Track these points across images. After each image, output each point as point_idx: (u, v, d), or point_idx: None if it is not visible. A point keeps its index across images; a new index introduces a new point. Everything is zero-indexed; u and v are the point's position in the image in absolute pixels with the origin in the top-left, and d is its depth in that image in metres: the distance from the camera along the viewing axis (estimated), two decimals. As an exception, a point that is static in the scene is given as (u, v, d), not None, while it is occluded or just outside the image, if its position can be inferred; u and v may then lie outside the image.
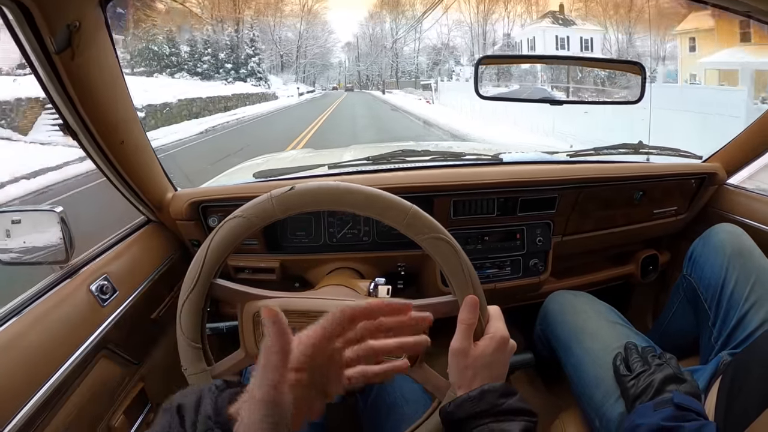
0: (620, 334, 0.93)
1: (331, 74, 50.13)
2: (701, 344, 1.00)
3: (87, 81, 0.74)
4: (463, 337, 0.58)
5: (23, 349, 0.70)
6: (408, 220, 0.58)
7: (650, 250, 1.45)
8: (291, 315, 0.61)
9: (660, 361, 0.81)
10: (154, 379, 0.98)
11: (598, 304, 1.04)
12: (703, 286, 1.00)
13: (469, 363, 0.57)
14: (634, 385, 0.78)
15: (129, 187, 0.96)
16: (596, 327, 0.96)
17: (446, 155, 1.27)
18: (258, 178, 1.20)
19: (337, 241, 1.14)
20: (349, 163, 1.21)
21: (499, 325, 0.60)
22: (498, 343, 0.58)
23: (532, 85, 5.03)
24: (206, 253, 0.59)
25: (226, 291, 0.62)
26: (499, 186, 1.14)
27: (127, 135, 0.87)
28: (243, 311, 0.62)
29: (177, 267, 1.12)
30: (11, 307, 0.75)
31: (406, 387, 0.86)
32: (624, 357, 0.85)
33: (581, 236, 1.28)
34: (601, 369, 0.87)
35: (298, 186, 0.58)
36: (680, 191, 1.34)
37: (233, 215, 0.59)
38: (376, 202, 0.59)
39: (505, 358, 0.59)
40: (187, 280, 0.60)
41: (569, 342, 0.97)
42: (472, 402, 0.55)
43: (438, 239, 0.59)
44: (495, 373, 0.58)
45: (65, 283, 0.83)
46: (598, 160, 1.32)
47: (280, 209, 0.58)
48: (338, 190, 0.58)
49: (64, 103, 0.74)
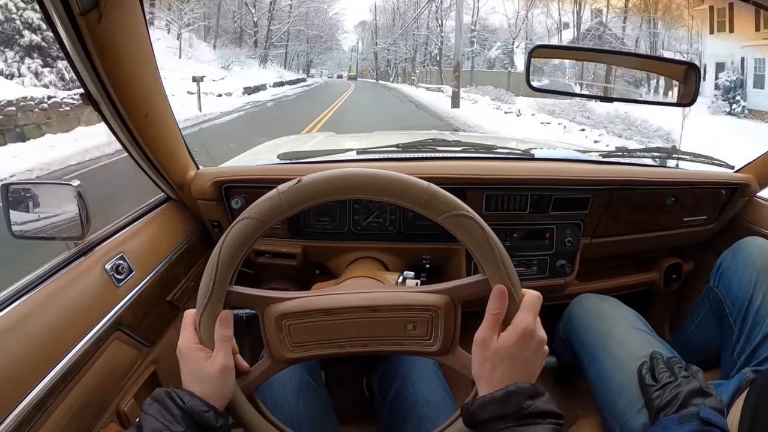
0: (646, 343, 0.91)
1: (342, 58, 42.20)
2: (723, 358, 0.99)
3: (113, 47, 0.69)
4: (488, 327, 0.54)
5: (35, 329, 0.66)
6: (426, 198, 0.54)
7: (674, 258, 1.42)
8: (315, 314, 0.58)
9: (687, 374, 0.79)
10: (167, 362, 0.96)
11: (625, 310, 1.02)
12: (730, 299, 0.98)
13: (488, 355, 0.54)
14: (660, 396, 0.76)
15: (150, 163, 0.92)
16: (622, 333, 0.94)
17: (477, 147, 1.23)
18: (283, 159, 1.16)
19: (361, 229, 1.11)
20: (378, 148, 1.18)
21: (525, 316, 0.54)
22: (520, 336, 0.53)
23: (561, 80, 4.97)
24: (218, 260, 0.55)
25: (245, 297, 0.59)
26: (534, 182, 1.10)
27: (153, 108, 0.82)
28: (264, 315, 0.59)
29: (196, 248, 1.09)
30: (24, 284, 0.71)
31: (428, 387, 0.84)
32: (650, 366, 0.83)
33: (610, 239, 1.24)
34: (625, 377, 0.85)
35: (305, 178, 0.54)
36: (711, 200, 1.30)
37: (241, 217, 0.55)
38: (389, 185, 0.54)
39: (529, 353, 0.54)
40: (202, 290, 0.56)
41: (594, 347, 0.95)
42: (496, 404, 0.51)
43: (460, 216, 0.54)
44: (517, 369, 0.53)
45: (80, 261, 0.80)
46: (631, 162, 1.29)
47: (289, 204, 0.54)
48: (348, 177, 0.54)
49: (87, 70, 0.69)
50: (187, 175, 1.04)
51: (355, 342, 0.59)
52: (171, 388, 0.54)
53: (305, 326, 0.58)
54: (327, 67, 40.60)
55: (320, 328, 0.58)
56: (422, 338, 0.58)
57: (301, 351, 0.59)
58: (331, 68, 41.51)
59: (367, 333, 0.59)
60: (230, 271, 0.56)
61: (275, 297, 0.59)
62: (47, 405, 0.64)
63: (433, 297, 0.58)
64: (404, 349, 0.59)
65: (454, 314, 0.58)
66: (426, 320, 0.57)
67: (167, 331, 0.98)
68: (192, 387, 0.54)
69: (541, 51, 0.94)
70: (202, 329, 0.56)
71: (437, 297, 0.58)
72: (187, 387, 0.55)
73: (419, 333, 0.58)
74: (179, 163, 1.01)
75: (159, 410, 0.51)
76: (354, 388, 1.20)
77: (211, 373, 0.54)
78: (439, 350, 0.58)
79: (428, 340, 0.58)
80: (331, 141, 1.79)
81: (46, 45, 10.38)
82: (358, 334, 0.59)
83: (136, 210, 0.99)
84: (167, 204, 1.07)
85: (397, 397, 0.83)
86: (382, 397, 0.87)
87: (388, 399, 0.85)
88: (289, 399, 0.79)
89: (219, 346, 0.56)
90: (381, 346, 0.59)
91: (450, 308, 0.57)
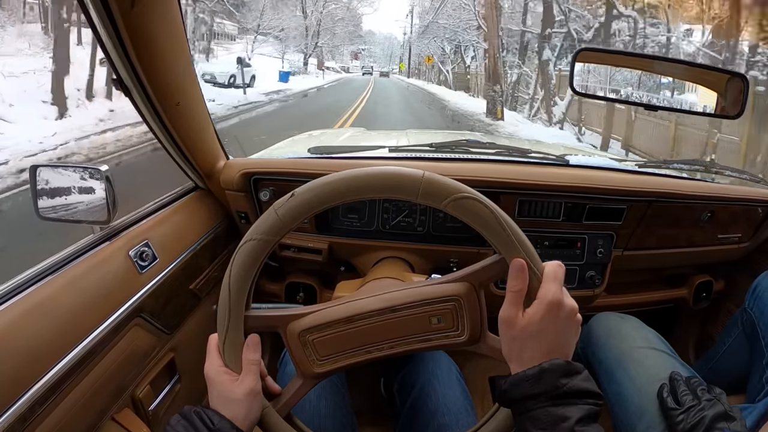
0: (667, 364, 0.88)
1: (374, 50, 37.69)
2: (750, 382, 0.96)
3: (146, 33, 0.68)
4: (511, 304, 0.51)
5: (56, 311, 0.67)
6: (423, 188, 0.51)
7: (705, 276, 1.36)
8: (337, 324, 0.56)
9: (710, 396, 0.76)
10: (185, 351, 0.96)
11: (646, 330, 0.98)
12: (764, 322, 0.95)
13: (516, 334, 0.51)
14: (683, 420, 0.73)
15: (180, 152, 0.91)
16: (643, 355, 0.91)
17: (511, 150, 1.20)
18: (313, 153, 1.14)
19: (390, 228, 1.09)
20: (410, 147, 1.15)
21: (550, 286, 0.50)
22: (547, 308, 0.49)
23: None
24: (229, 288, 0.54)
25: (264, 320, 0.58)
26: (568, 190, 1.06)
27: (184, 97, 0.82)
28: (287, 334, 0.57)
29: (221, 238, 1.08)
30: (48, 265, 0.72)
31: (450, 395, 0.82)
32: (671, 389, 0.80)
33: (642, 252, 1.20)
34: (645, 399, 0.82)
35: (298, 191, 0.52)
36: (746, 218, 1.25)
37: (244, 240, 0.54)
38: (384, 181, 0.52)
39: (560, 325, 0.50)
40: (220, 317, 0.56)
41: (612, 368, 0.92)
42: (529, 382, 0.48)
43: (463, 199, 0.51)
44: (548, 344, 0.50)
45: (104, 246, 0.80)
46: (668, 174, 1.24)
47: (289, 220, 0.53)
48: (340, 181, 0.52)
49: (119, 56, 0.68)
50: (217, 165, 1.04)
51: (382, 345, 0.57)
52: (200, 407, 0.53)
53: (329, 338, 0.57)
54: (374, 59, 37.47)
55: (344, 337, 0.57)
56: (449, 330, 0.56)
57: (330, 364, 0.58)
58: (383, 63, 38.11)
59: (392, 334, 0.57)
60: (243, 295, 0.55)
61: (294, 314, 0.58)
62: (63, 386, 0.65)
63: (452, 286, 0.56)
64: (433, 344, 0.57)
65: (477, 300, 0.56)
66: (450, 311, 0.55)
67: (187, 320, 0.98)
68: (219, 409, 0.53)
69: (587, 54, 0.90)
70: (226, 356, 0.56)
71: (456, 285, 0.55)
72: (215, 409, 0.54)
73: (445, 325, 0.56)
74: (209, 153, 1.00)
75: (186, 428, 0.51)
76: (371, 388, 1.19)
77: (239, 396, 0.54)
78: (468, 339, 0.56)
79: (456, 331, 0.56)
80: (362, 137, 1.77)
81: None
82: (383, 337, 0.57)
83: (163, 197, 0.99)
84: (195, 193, 1.07)
85: (418, 403, 0.82)
86: (402, 401, 0.85)
87: (408, 404, 0.83)
88: (311, 397, 0.78)
89: (246, 369, 0.55)
90: (409, 346, 0.57)
91: (472, 295, 0.55)
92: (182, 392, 0.95)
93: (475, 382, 0.60)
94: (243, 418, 0.53)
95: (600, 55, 0.98)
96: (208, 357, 0.57)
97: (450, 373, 0.86)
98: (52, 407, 0.63)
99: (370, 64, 39.07)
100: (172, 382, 0.93)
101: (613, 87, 12.69)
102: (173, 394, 0.92)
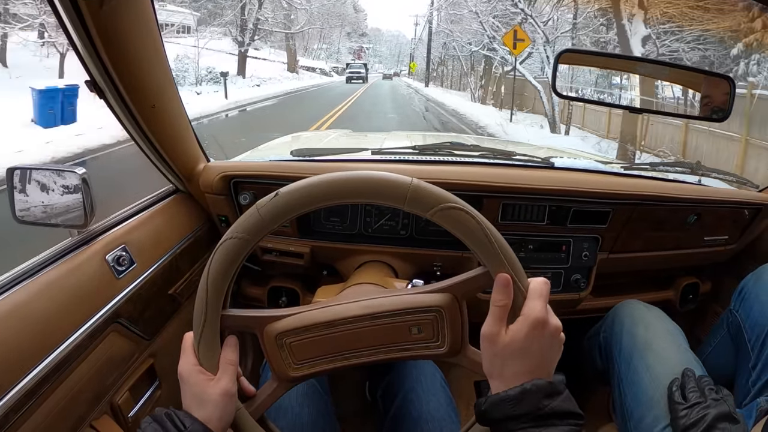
0: (683, 359, 0.88)
1: (380, 49, 29.99)
2: (737, 385, 0.96)
3: (117, 33, 0.67)
4: (494, 319, 0.50)
5: (30, 316, 0.65)
6: (411, 195, 0.51)
7: (692, 278, 1.37)
8: (315, 329, 0.55)
9: (717, 396, 0.77)
10: (165, 356, 0.94)
11: (669, 323, 0.99)
12: (749, 325, 0.95)
13: (498, 351, 0.50)
14: (686, 416, 0.74)
15: (158, 154, 0.90)
16: (663, 347, 0.91)
17: (496, 152, 1.20)
18: (296, 156, 1.13)
19: (372, 232, 1.09)
20: (393, 150, 1.14)
21: (534, 304, 0.50)
22: (531, 326, 0.49)
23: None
24: (207, 285, 0.53)
25: (241, 320, 0.57)
26: (553, 193, 1.06)
27: (160, 99, 0.80)
28: (264, 336, 0.57)
29: (201, 242, 1.07)
30: (23, 270, 0.70)
31: (434, 401, 0.81)
32: (680, 384, 0.81)
33: (627, 255, 1.20)
34: (657, 391, 0.83)
35: (282, 191, 0.52)
36: (733, 220, 1.26)
37: (224, 237, 0.53)
38: (371, 186, 0.51)
39: (544, 344, 0.50)
40: (196, 316, 0.54)
41: (631, 356, 0.92)
42: (510, 403, 0.48)
43: (450, 209, 0.51)
44: (531, 363, 0.49)
45: (80, 251, 0.78)
46: (653, 177, 1.24)
47: (271, 219, 0.52)
48: (326, 183, 0.52)
49: (91, 57, 0.67)
50: (196, 168, 1.03)
51: (361, 352, 0.57)
52: (171, 409, 0.52)
53: (307, 342, 0.56)
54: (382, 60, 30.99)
55: (322, 342, 0.56)
56: (429, 341, 0.56)
57: (306, 368, 0.57)
58: (390, 64, 31.68)
59: (372, 342, 0.56)
60: (221, 294, 0.54)
61: (271, 316, 0.57)
62: (39, 393, 0.63)
63: (435, 297, 0.55)
64: (412, 354, 0.57)
65: (459, 312, 0.55)
66: (430, 322, 0.55)
67: (167, 325, 0.97)
68: (193, 410, 0.52)
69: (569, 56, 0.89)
70: (201, 355, 0.54)
71: (439, 296, 0.55)
72: (188, 410, 0.52)
73: (425, 336, 0.56)
74: (188, 155, 0.99)
75: (157, 430, 0.49)
76: (355, 391, 1.18)
77: (214, 396, 0.52)
78: (448, 351, 0.56)
79: (435, 342, 0.56)
80: (346, 139, 1.76)
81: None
82: (363, 344, 0.56)
83: (142, 201, 0.98)
84: (175, 196, 1.06)
85: (401, 411, 0.81)
86: (386, 408, 0.85)
87: (391, 411, 0.83)
88: (293, 404, 0.78)
89: (223, 369, 0.54)
90: (388, 354, 0.57)
91: (454, 306, 0.55)
92: (163, 398, 0.94)
93: (459, 388, 0.60)
94: (217, 419, 0.52)
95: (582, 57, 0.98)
96: (183, 356, 0.56)
97: (434, 380, 0.86)
98: (27, 414, 0.61)
99: (358, 63, 30.34)
100: (153, 388, 0.92)
101: (574, 86, 12.59)
102: (154, 400, 0.91)
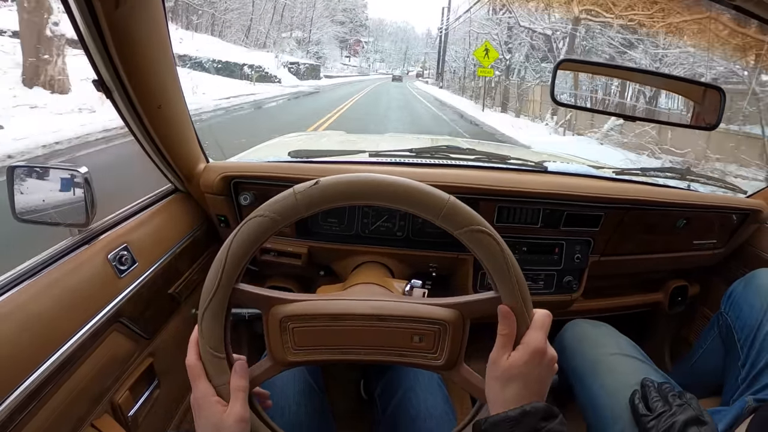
0: (639, 370, 0.90)
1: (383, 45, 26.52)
2: (726, 383, 0.98)
3: (130, 34, 0.67)
4: (500, 346, 0.54)
5: (33, 316, 0.65)
6: (446, 211, 0.53)
7: (681, 281, 1.40)
8: (321, 319, 0.56)
9: (681, 402, 0.78)
10: (164, 356, 0.94)
11: (618, 336, 1.00)
12: (739, 326, 0.98)
13: (498, 374, 0.53)
14: (655, 426, 0.75)
15: (160, 154, 0.90)
16: (614, 361, 0.92)
17: (491, 156, 1.22)
18: (294, 157, 1.14)
19: (369, 233, 1.10)
20: (390, 153, 1.16)
21: (536, 335, 0.54)
22: (530, 355, 0.53)
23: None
24: (227, 256, 0.53)
25: (250, 296, 0.57)
26: (546, 197, 1.09)
27: (166, 100, 0.81)
28: (269, 316, 0.57)
29: (201, 241, 1.07)
30: (25, 270, 0.70)
31: (431, 400, 0.82)
32: (642, 395, 0.82)
33: (619, 258, 1.23)
34: (617, 406, 0.84)
35: (323, 180, 0.52)
36: (721, 224, 1.29)
37: (255, 214, 0.53)
38: (410, 195, 0.53)
39: (541, 372, 0.54)
40: (207, 285, 0.55)
41: (584, 375, 0.93)
42: (510, 423, 0.50)
43: (480, 232, 0.53)
44: (529, 388, 0.53)
45: (82, 250, 0.78)
46: (644, 182, 1.27)
47: (306, 206, 0.53)
48: (369, 183, 0.53)
49: (102, 56, 0.67)
50: (197, 168, 1.03)
51: (360, 350, 0.58)
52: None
53: (310, 330, 0.57)
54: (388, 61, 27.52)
55: (325, 333, 0.57)
56: (427, 351, 0.57)
57: (303, 354, 0.58)
58: (394, 62, 28.35)
59: (372, 342, 0.57)
60: (238, 267, 0.54)
61: (281, 298, 0.57)
62: (42, 393, 0.63)
63: (443, 311, 0.56)
64: (408, 360, 0.58)
65: (462, 330, 0.57)
66: (433, 333, 0.56)
67: (167, 325, 0.97)
68: None
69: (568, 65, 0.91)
70: (205, 324, 0.55)
71: (447, 311, 0.56)
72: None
73: (425, 346, 0.57)
74: (189, 156, 0.99)
75: None
76: (351, 390, 1.19)
77: (230, 423, 0.53)
78: (443, 365, 0.57)
79: (433, 353, 0.57)
80: (343, 141, 1.77)
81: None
82: (363, 342, 0.57)
83: (142, 200, 0.98)
84: (174, 195, 1.06)
85: (399, 409, 0.82)
86: (383, 406, 0.85)
87: (389, 410, 0.83)
88: (290, 402, 0.78)
89: (235, 396, 0.55)
90: (385, 356, 0.58)
91: (459, 323, 0.56)
92: (161, 397, 0.94)
93: (456, 387, 0.61)
94: None
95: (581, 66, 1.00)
96: (195, 383, 0.56)
97: (432, 379, 0.87)
98: (31, 415, 0.61)
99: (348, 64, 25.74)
100: (152, 387, 0.92)
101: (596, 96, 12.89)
102: (152, 399, 0.91)
